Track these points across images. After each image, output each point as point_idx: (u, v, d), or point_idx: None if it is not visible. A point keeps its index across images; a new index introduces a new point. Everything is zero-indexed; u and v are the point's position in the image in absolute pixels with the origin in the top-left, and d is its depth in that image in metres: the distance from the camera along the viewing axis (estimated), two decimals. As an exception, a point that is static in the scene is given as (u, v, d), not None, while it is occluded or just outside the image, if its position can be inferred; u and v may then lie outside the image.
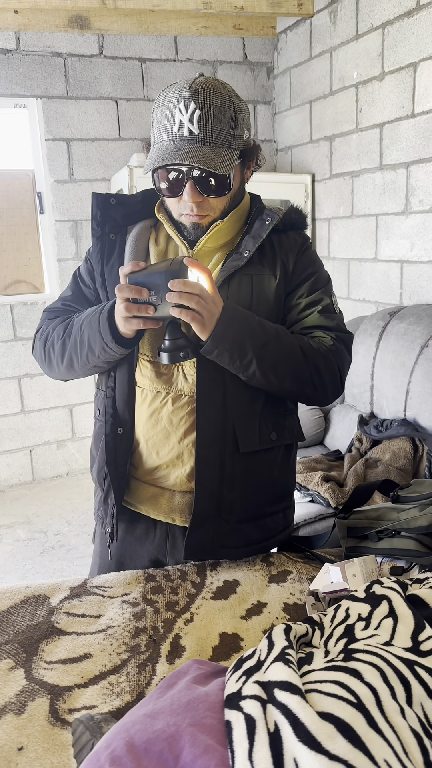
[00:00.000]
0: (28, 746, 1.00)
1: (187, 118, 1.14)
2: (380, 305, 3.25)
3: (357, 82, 3.21)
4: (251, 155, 1.27)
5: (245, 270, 1.27)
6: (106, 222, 1.35)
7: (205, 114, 1.14)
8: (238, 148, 1.19)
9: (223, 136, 1.16)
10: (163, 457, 1.34)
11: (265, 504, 1.39)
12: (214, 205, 1.24)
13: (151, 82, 3.75)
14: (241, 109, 1.20)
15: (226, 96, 1.17)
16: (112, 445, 1.36)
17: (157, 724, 0.80)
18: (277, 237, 1.32)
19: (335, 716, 0.75)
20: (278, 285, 1.29)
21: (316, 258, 1.39)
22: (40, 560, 2.99)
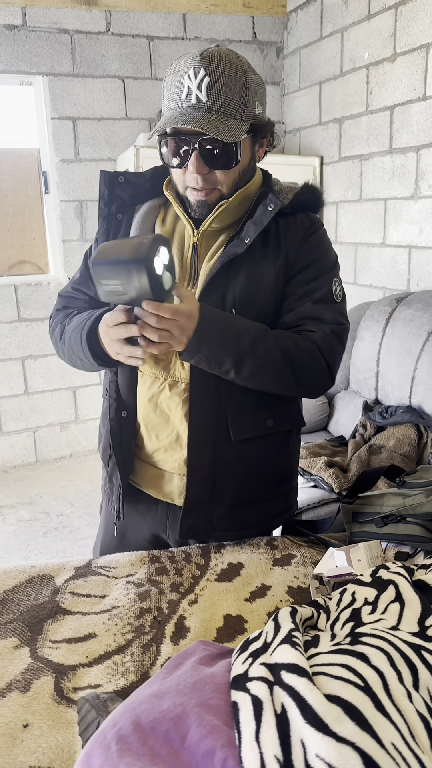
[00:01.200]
0: (33, 723, 1.00)
1: (196, 84, 1.10)
2: (387, 291, 3.23)
3: (368, 64, 3.16)
4: (263, 131, 1.22)
5: (245, 256, 1.23)
6: (114, 201, 1.32)
7: (215, 81, 1.10)
8: (248, 121, 1.15)
9: (232, 106, 1.13)
10: (162, 440, 1.35)
11: (262, 489, 1.39)
12: (221, 179, 1.20)
13: (159, 60, 3.70)
14: (255, 82, 1.16)
15: (239, 66, 1.13)
16: (117, 428, 1.38)
17: (163, 704, 0.81)
18: (285, 220, 1.27)
19: (342, 699, 0.75)
20: (278, 272, 1.26)
21: (322, 242, 1.32)
22: (43, 541, 3.01)
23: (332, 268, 1.31)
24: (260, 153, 1.27)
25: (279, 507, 1.49)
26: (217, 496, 1.34)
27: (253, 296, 1.24)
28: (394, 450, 2.43)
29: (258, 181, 1.30)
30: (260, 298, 1.25)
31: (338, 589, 1.12)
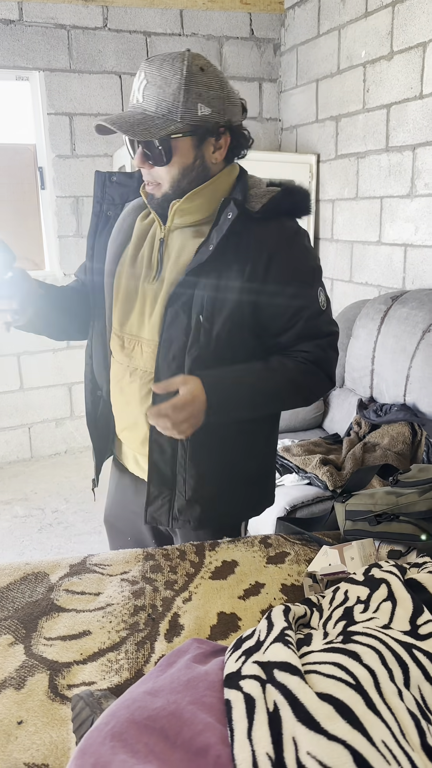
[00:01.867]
0: (27, 720, 1.01)
1: (137, 87, 1.19)
2: (383, 289, 3.24)
3: (365, 62, 3.16)
4: (208, 133, 1.22)
5: (212, 264, 1.24)
6: (105, 200, 1.41)
7: (150, 84, 1.17)
8: (182, 122, 1.18)
9: (164, 107, 1.17)
10: (125, 421, 1.43)
11: (223, 486, 1.41)
12: (161, 175, 1.24)
13: (156, 56, 3.70)
14: (200, 84, 1.17)
15: (179, 69, 1.15)
16: (91, 407, 1.50)
17: (157, 702, 0.81)
18: (257, 228, 1.25)
19: (334, 697, 0.76)
20: (245, 283, 1.25)
21: (302, 252, 1.31)
22: (38, 537, 3.01)
23: (315, 279, 1.33)
24: (218, 155, 1.25)
25: (248, 500, 1.50)
26: (179, 488, 1.38)
27: (220, 303, 1.26)
28: (389, 448, 2.44)
29: (226, 185, 1.30)
30: (228, 305, 1.26)
31: (331, 588, 1.13)
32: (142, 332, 1.34)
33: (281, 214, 1.28)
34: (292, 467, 2.44)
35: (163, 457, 1.36)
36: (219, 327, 1.26)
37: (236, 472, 1.42)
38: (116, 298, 1.37)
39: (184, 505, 1.39)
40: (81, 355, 4.05)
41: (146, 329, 1.33)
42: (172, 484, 1.38)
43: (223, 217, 1.23)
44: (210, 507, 1.41)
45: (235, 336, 1.28)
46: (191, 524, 1.42)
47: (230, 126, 1.24)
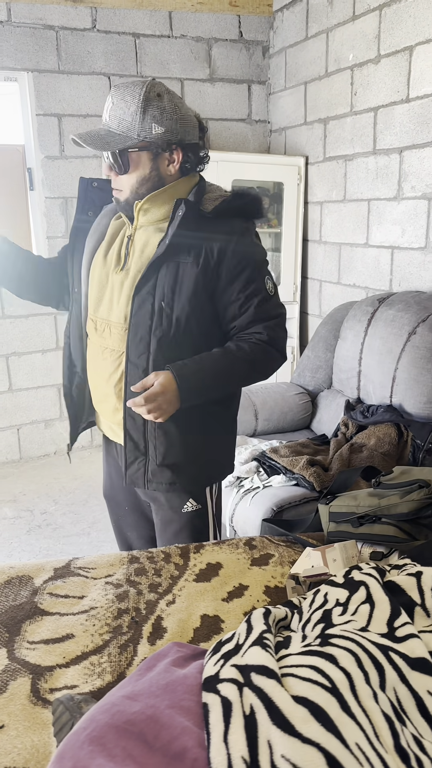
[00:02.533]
0: (9, 724, 1.01)
1: (106, 108, 1.43)
2: (370, 291, 3.25)
3: (352, 65, 3.18)
4: (161, 148, 1.42)
5: (171, 257, 1.44)
6: (87, 202, 1.61)
7: (114, 106, 1.40)
8: (137, 138, 1.39)
9: (124, 125, 1.39)
10: (98, 394, 1.62)
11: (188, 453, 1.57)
12: (123, 182, 1.46)
13: (145, 58, 3.69)
14: (155, 108, 1.39)
15: (138, 94, 1.38)
16: (68, 381, 1.68)
17: (135, 706, 0.82)
18: (209, 226, 1.45)
19: (309, 700, 0.77)
20: (199, 273, 1.45)
21: (248, 246, 1.48)
22: (27, 538, 3.01)
23: (261, 268, 1.50)
24: (171, 168, 1.46)
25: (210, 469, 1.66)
26: (150, 455, 1.56)
27: (178, 291, 1.46)
28: (375, 449, 2.45)
29: (183, 190, 1.49)
30: (184, 293, 1.45)
31: (312, 590, 1.14)
32: (111, 316, 1.53)
33: (231, 215, 1.47)
34: (280, 468, 2.45)
35: (135, 425, 1.54)
36: (178, 312, 1.46)
37: (200, 442, 1.58)
38: (91, 287, 1.57)
39: (156, 469, 1.56)
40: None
41: (114, 314, 1.52)
42: (145, 450, 1.56)
43: (175, 214, 1.43)
44: (178, 471, 1.57)
45: (193, 320, 1.47)
46: (163, 486, 1.58)
47: (182, 144, 1.44)
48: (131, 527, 1.81)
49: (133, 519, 1.79)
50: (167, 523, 1.67)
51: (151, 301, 1.46)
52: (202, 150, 1.50)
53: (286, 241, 3.74)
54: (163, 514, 1.67)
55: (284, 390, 3.03)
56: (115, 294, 1.52)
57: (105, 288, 1.54)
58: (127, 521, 1.81)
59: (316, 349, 3.09)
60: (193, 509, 1.64)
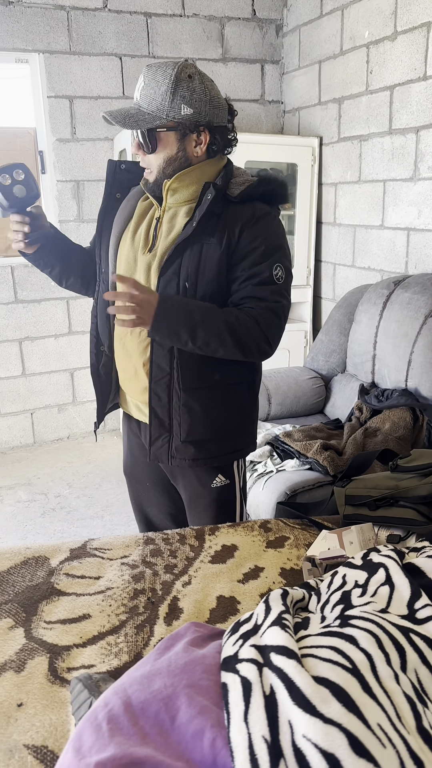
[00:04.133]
0: (27, 703, 1.02)
1: (137, 88, 1.45)
2: (385, 273, 3.21)
3: (368, 42, 3.12)
4: (189, 129, 1.44)
5: (196, 239, 1.47)
6: (114, 184, 1.63)
7: (146, 85, 1.42)
8: (167, 118, 1.41)
9: (154, 105, 1.41)
10: (126, 372, 1.64)
11: (212, 430, 1.59)
12: (151, 162, 1.48)
13: (157, 38, 3.64)
14: (186, 89, 1.40)
15: (170, 74, 1.40)
16: (95, 360, 1.70)
17: (154, 685, 0.82)
18: (234, 208, 1.48)
19: (330, 681, 0.76)
20: (222, 254, 1.47)
21: (265, 230, 1.49)
22: (41, 521, 3.02)
23: (274, 254, 1.49)
24: (198, 149, 1.47)
25: (233, 445, 1.67)
26: (174, 432, 1.58)
27: (202, 272, 1.48)
28: (390, 433, 2.43)
29: (211, 172, 1.51)
30: (207, 274, 1.48)
31: (329, 572, 1.13)
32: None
33: (256, 199, 1.49)
34: (293, 452, 2.44)
35: (161, 403, 1.56)
36: (202, 292, 1.48)
37: (223, 419, 1.61)
38: (119, 268, 1.59)
39: (179, 445, 1.59)
40: (82, 341, 4.04)
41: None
42: (169, 427, 1.58)
43: (204, 198, 1.46)
44: (201, 448, 1.60)
45: (216, 299, 1.49)
46: (187, 462, 1.61)
47: (210, 126, 1.46)
48: (152, 503, 1.83)
49: (155, 495, 1.81)
50: (196, 498, 1.69)
51: (176, 281, 1.48)
52: (230, 133, 1.51)
53: (300, 223, 3.70)
54: (193, 490, 1.69)
55: (297, 374, 3.01)
56: (143, 274, 1.54)
57: (133, 268, 1.57)
58: (148, 497, 1.83)
59: (330, 333, 3.06)
60: (222, 484, 1.68)
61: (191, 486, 1.69)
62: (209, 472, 1.66)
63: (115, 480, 3.41)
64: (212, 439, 1.61)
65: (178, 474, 1.70)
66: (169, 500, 1.81)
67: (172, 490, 1.78)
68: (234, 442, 1.67)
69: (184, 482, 1.70)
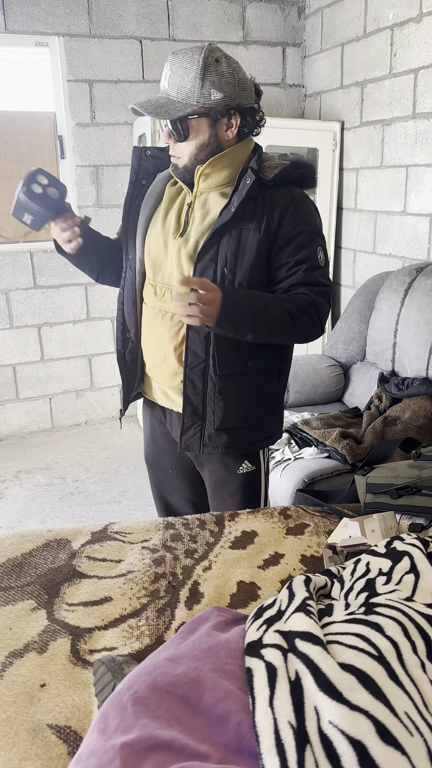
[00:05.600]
0: (50, 683, 1.03)
1: (164, 76, 1.43)
2: (407, 260, 3.17)
3: (392, 24, 3.06)
4: (220, 114, 1.43)
5: (233, 224, 1.46)
6: (140, 170, 1.62)
7: (173, 73, 1.41)
8: (197, 105, 1.40)
9: (183, 92, 1.40)
10: (155, 358, 1.63)
11: (244, 417, 1.60)
12: (183, 149, 1.47)
13: (177, 21, 3.60)
14: (214, 73, 1.39)
15: (197, 60, 1.39)
16: (121, 346, 1.70)
17: (178, 668, 0.82)
18: (270, 193, 1.47)
19: (356, 668, 0.75)
20: (261, 239, 1.46)
21: (306, 213, 1.50)
22: (59, 505, 3.05)
23: (317, 238, 1.51)
24: (229, 133, 1.47)
25: (262, 433, 1.67)
26: (208, 419, 1.58)
27: (241, 257, 1.47)
28: (410, 422, 2.41)
29: (242, 156, 1.50)
30: (246, 258, 1.47)
31: (352, 559, 1.13)
32: (173, 281, 1.55)
33: (290, 183, 1.50)
34: (312, 440, 2.43)
35: (195, 391, 1.56)
36: (240, 278, 1.48)
37: (256, 407, 1.61)
38: (148, 253, 1.59)
39: (213, 433, 1.58)
40: (100, 327, 4.04)
41: (176, 278, 1.53)
42: (203, 415, 1.58)
43: (242, 183, 1.45)
44: (234, 435, 1.60)
45: (255, 285, 1.49)
46: (219, 450, 1.60)
47: (240, 108, 1.45)
48: (173, 490, 1.83)
49: (177, 482, 1.82)
50: (222, 483, 1.69)
51: (213, 267, 1.47)
52: (257, 114, 1.50)
53: (320, 209, 3.62)
54: (219, 476, 1.69)
55: (316, 362, 2.99)
56: (174, 259, 1.53)
57: (164, 254, 1.56)
58: (169, 484, 1.83)
59: (350, 320, 3.04)
60: (248, 470, 1.68)
61: (218, 472, 1.68)
62: (237, 458, 1.66)
63: (132, 465, 3.42)
64: (245, 427, 1.61)
65: (204, 461, 1.69)
66: (191, 487, 1.81)
67: (194, 476, 1.78)
68: (264, 429, 1.67)
69: (211, 468, 1.69)
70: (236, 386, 1.55)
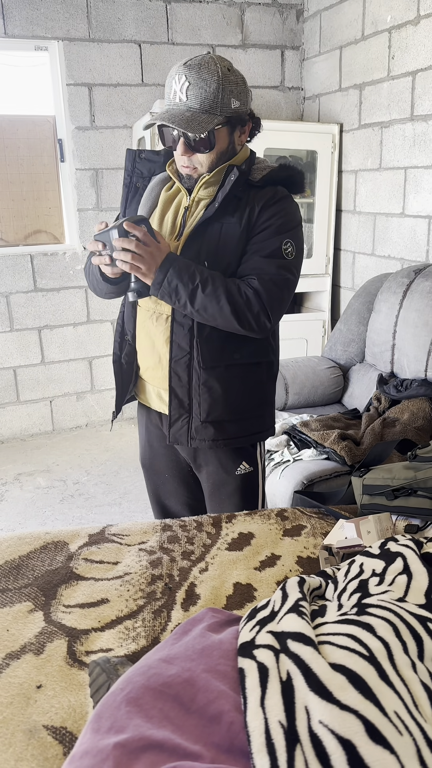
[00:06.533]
0: (46, 684, 1.03)
1: (179, 87, 1.41)
2: (406, 262, 3.18)
3: (390, 27, 3.07)
4: (239, 121, 1.47)
5: (217, 218, 1.49)
6: (135, 173, 1.64)
7: (192, 85, 1.40)
8: (222, 115, 1.42)
9: (207, 104, 1.40)
10: (149, 361, 1.64)
11: (232, 410, 1.60)
12: (202, 160, 1.48)
13: (176, 24, 3.62)
14: (232, 82, 1.42)
15: (215, 71, 1.40)
16: (118, 348, 1.71)
17: (172, 669, 0.82)
18: (255, 192, 1.51)
19: (347, 668, 0.76)
20: (242, 232, 1.50)
21: (281, 210, 1.51)
22: (60, 507, 3.06)
23: (287, 231, 1.51)
24: (242, 139, 1.52)
25: (251, 428, 1.67)
26: (194, 412, 1.59)
27: (222, 251, 1.50)
28: (409, 423, 2.42)
29: (241, 159, 1.54)
30: (227, 253, 1.50)
31: (347, 560, 1.13)
32: None
33: (276, 183, 1.53)
34: (310, 442, 2.44)
35: (181, 383, 1.57)
36: (221, 270, 1.49)
37: (242, 399, 1.61)
38: None
39: (199, 426, 1.60)
40: (101, 330, 4.05)
41: None
42: (189, 407, 1.59)
43: (227, 179, 1.48)
44: (221, 429, 1.61)
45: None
46: (206, 443, 1.61)
47: (251, 114, 1.50)
48: (170, 494, 1.84)
49: (173, 486, 1.82)
50: (220, 485, 1.70)
51: (195, 261, 1.49)
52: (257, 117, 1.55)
53: (319, 211, 3.67)
54: (216, 478, 1.69)
55: (315, 364, 2.99)
56: None
57: None
58: (166, 488, 1.83)
59: (349, 322, 3.04)
60: (246, 471, 1.68)
61: (216, 474, 1.69)
62: (234, 459, 1.67)
63: (132, 468, 3.43)
64: (232, 420, 1.61)
65: (202, 462, 1.70)
66: (187, 491, 1.82)
67: (190, 480, 1.79)
68: (253, 423, 1.67)
69: (208, 470, 1.70)
70: (221, 379, 1.56)
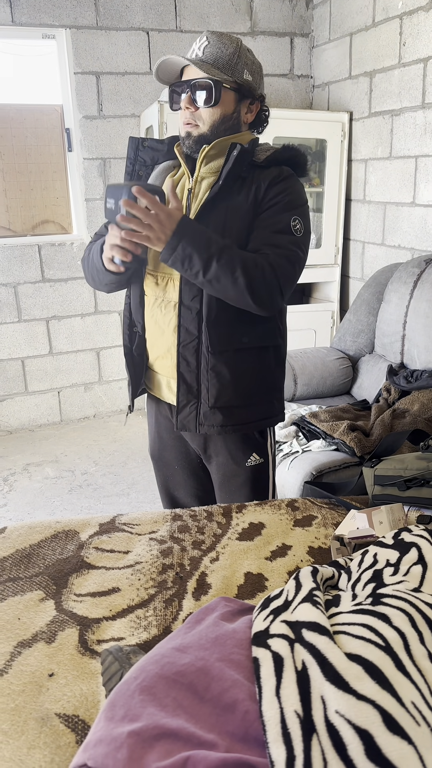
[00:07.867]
0: (58, 673, 1.03)
1: (198, 46, 1.48)
2: (416, 252, 3.15)
3: (402, 13, 3.03)
4: (248, 94, 1.51)
5: (222, 198, 1.49)
6: (137, 161, 1.63)
7: (211, 45, 1.46)
8: (232, 77, 1.46)
9: (221, 63, 1.45)
10: (159, 350, 1.62)
11: (240, 395, 1.59)
12: (203, 116, 1.48)
13: (184, 11, 3.58)
14: (248, 58, 1.49)
15: (236, 41, 1.48)
16: (128, 340, 1.69)
17: (185, 658, 0.82)
18: (260, 171, 1.51)
19: (363, 658, 0.75)
20: (248, 211, 1.50)
21: (288, 188, 1.51)
22: (68, 498, 3.06)
23: (295, 208, 1.51)
24: (248, 117, 1.55)
25: (261, 412, 1.65)
26: (203, 398, 1.58)
27: (230, 227, 1.49)
28: (419, 415, 2.40)
29: (246, 140, 1.55)
30: (235, 229, 1.49)
31: (360, 551, 1.12)
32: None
33: (281, 163, 1.53)
34: (320, 433, 2.43)
35: (189, 368, 1.56)
36: None
37: (251, 384, 1.60)
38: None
39: (207, 412, 1.58)
40: (108, 320, 4.04)
41: None
42: (197, 393, 1.58)
43: (231, 157, 1.48)
44: (229, 414, 1.59)
45: None
46: (215, 429, 1.60)
47: (261, 99, 1.55)
48: (180, 486, 1.83)
49: (182, 477, 1.81)
50: (230, 477, 1.69)
51: None
52: (267, 110, 1.59)
53: (329, 200, 3.64)
54: (227, 469, 1.68)
55: (324, 355, 2.98)
56: None
57: None
58: (175, 480, 1.83)
59: (358, 312, 3.02)
60: (256, 463, 1.67)
61: (226, 465, 1.68)
62: (244, 450, 1.66)
63: (140, 458, 3.43)
64: (240, 405, 1.60)
65: (212, 453, 1.69)
66: (196, 482, 1.81)
67: (200, 471, 1.78)
68: (262, 409, 1.65)
69: (219, 461, 1.69)
70: (230, 363, 1.55)
